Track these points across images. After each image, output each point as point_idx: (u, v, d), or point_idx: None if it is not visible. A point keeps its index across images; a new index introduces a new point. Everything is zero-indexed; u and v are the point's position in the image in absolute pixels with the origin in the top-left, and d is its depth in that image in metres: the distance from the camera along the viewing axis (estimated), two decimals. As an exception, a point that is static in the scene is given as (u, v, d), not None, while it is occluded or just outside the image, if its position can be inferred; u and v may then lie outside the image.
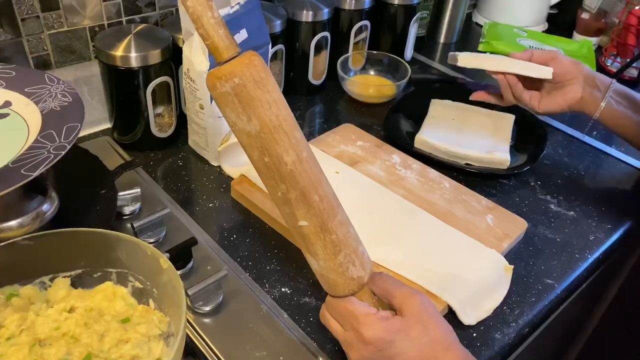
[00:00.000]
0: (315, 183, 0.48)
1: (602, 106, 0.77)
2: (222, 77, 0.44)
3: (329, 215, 0.48)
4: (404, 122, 0.94)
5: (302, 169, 0.47)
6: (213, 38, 0.44)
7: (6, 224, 0.53)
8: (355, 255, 0.50)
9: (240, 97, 0.44)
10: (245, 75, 0.44)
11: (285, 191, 0.47)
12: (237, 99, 0.45)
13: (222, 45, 0.45)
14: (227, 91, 0.44)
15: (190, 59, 0.73)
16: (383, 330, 0.48)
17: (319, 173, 0.49)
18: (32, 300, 0.51)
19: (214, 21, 0.44)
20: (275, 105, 0.45)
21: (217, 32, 0.44)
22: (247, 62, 0.44)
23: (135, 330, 0.48)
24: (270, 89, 0.45)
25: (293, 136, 0.46)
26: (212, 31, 0.44)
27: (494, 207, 0.76)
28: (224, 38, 0.45)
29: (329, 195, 0.49)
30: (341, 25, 1.01)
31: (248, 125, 0.45)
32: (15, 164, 0.51)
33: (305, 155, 0.47)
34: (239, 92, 0.44)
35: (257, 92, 0.44)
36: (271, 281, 0.65)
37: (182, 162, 0.83)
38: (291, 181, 0.47)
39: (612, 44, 1.20)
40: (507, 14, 1.34)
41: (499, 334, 0.61)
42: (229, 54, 0.45)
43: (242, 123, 0.46)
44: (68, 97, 0.61)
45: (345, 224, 0.50)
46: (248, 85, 0.44)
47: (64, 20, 0.81)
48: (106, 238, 0.51)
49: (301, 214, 0.48)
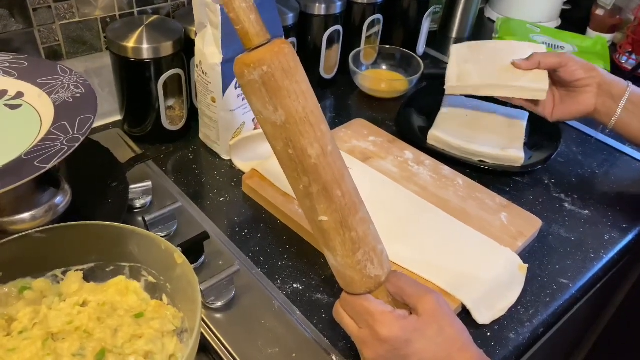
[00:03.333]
0: (339, 178, 0.47)
1: (616, 117, 0.75)
2: (251, 65, 0.43)
3: (350, 211, 0.48)
4: (416, 117, 0.93)
5: (326, 163, 0.46)
6: (244, 23, 0.43)
7: (19, 216, 0.53)
8: (374, 254, 0.49)
9: (267, 86, 0.43)
10: (274, 63, 0.43)
11: (308, 184, 0.46)
12: (264, 87, 0.43)
13: (252, 31, 0.43)
14: (255, 79, 0.43)
15: (202, 51, 0.72)
16: (399, 329, 0.47)
17: (342, 168, 0.48)
18: (45, 293, 0.51)
19: (245, 5, 0.43)
20: (303, 96, 0.44)
21: (248, 17, 0.43)
22: (277, 50, 0.43)
23: (149, 325, 0.47)
24: (299, 79, 0.44)
25: (319, 129, 0.45)
26: (243, 15, 0.43)
27: (507, 205, 0.75)
28: (254, 24, 0.43)
29: (351, 191, 0.48)
30: (353, 19, 1.00)
31: (274, 115, 0.44)
32: (29, 155, 0.51)
33: (330, 149, 0.46)
34: (267, 80, 0.43)
35: (285, 82, 0.43)
36: (283, 277, 0.64)
37: (193, 155, 0.83)
38: (314, 175, 0.46)
39: (626, 40, 1.18)
40: (520, 10, 1.32)
41: (514, 333, 0.61)
42: (259, 40, 0.44)
43: (268, 113, 0.45)
44: (81, 88, 0.61)
45: (366, 222, 0.49)
46: (276, 74, 0.43)
47: (75, 11, 0.81)
48: (120, 232, 0.51)
49: (322, 209, 0.47)
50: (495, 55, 0.84)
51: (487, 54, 0.85)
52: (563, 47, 1.21)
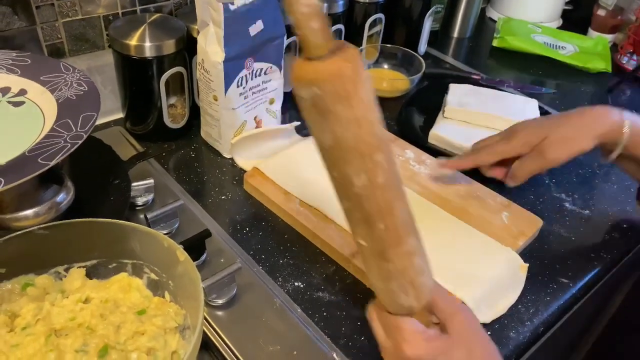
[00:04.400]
0: (385, 211, 0.42)
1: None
2: (303, 81, 0.40)
3: (392, 243, 0.43)
4: (417, 116, 0.94)
5: (371, 194, 0.41)
6: (304, 30, 0.38)
7: (22, 213, 0.53)
8: (411, 287, 0.45)
9: (317, 108, 0.40)
10: (327, 87, 0.39)
11: (348, 209, 0.43)
12: (314, 109, 0.40)
13: (313, 41, 0.38)
14: (305, 97, 0.40)
15: (205, 49, 0.73)
16: (425, 350, 0.45)
17: (393, 199, 0.43)
18: (48, 290, 0.51)
19: (308, 10, 0.38)
20: (357, 123, 0.39)
21: (310, 24, 0.38)
22: (335, 71, 0.38)
23: (152, 322, 0.48)
24: (355, 104, 0.39)
25: (370, 159, 0.40)
26: (304, 21, 0.38)
27: (508, 204, 0.75)
28: (317, 32, 0.38)
29: (399, 224, 0.43)
30: (355, 18, 1.00)
31: (321, 135, 0.41)
32: (32, 152, 0.51)
33: (380, 181, 0.41)
34: (317, 102, 0.39)
35: (336, 107, 0.39)
36: (284, 275, 0.65)
37: (195, 153, 0.83)
38: (356, 203, 0.42)
39: (628, 41, 1.18)
40: (521, 10, 1.32)
41: (514, 332, 0.61)
42: (319, 52, 0.39)
43: (316, 130, 0.41)
44: (84, 86, 0.61)
45: (411, 254, 0.45)
46: (327, 99, 0.39)
47: (78, 9, 0.81)
48: (123, 229, 0.51)
49: (361, 234, 0.44)
50: (490, 99, 0.93)
51: (483, 95, 0.93)
52: (564, 47, 1.22)
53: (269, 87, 0.80)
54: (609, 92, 1.10)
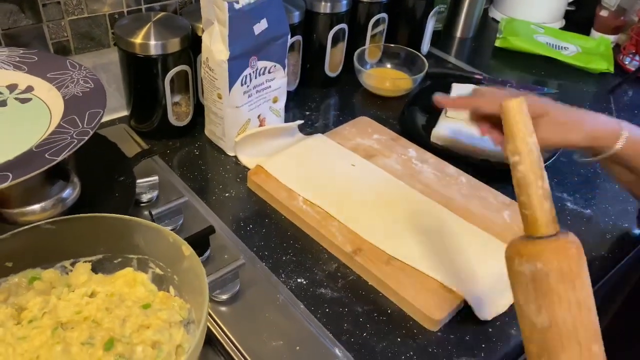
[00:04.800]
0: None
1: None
2: (524, 256, 0.39)
3: None
4: (420, 116, 0.94)
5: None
6: (535, 209, 0.39)
7: (29, 207, 0.54)
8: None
9: (536, 285, 0.39)
10: (552, 263, 0.39)
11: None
12: (532, 285, 0.39)
13: (542, 220, 0.39)
14: (524, 272, 0.39)
15: (209, 47, 0.73)
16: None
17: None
18: (54, 284, 0.51)
19: (541, 192, 0.39)
20: (577, 306, 0.39)
21: (542, 205, 0.39)
22: (560, 249, 0.39)
23: (157, 316, 0.48)
24: (578, 285, 0.39)
25: (587, 349, 0.39)
26: (536, 202, 0.39)
27: (510, 203, 0.75)
28: (547, 212, 0.39)
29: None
30: (359, 18, 1.01)
31: (535, 316, 0.40)
32: (39, 148, 0.52)
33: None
34: (537, 279, 0.39)
35: (559, 286, 0.39)
36: (287, 271, 0.65)
37: (199, 151, 0.83)
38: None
39: (630, 42, 1.18)
40: (524, 10, 1.33)
41: (515, 329, 0.61)
42: (545, 231, 0.39)
43: (529, 310, 0.40)
44: (90, 83, 0.61)
45: None
46: (551, 275, 0.38)
47: (84, 7, 0.81)
48: (128, 224, 0.52)
49: None
50: None
51: None
52: (567, 47, 1.22)
53: (272, 86, 0.81)
54: (611, 93, 1.10)
